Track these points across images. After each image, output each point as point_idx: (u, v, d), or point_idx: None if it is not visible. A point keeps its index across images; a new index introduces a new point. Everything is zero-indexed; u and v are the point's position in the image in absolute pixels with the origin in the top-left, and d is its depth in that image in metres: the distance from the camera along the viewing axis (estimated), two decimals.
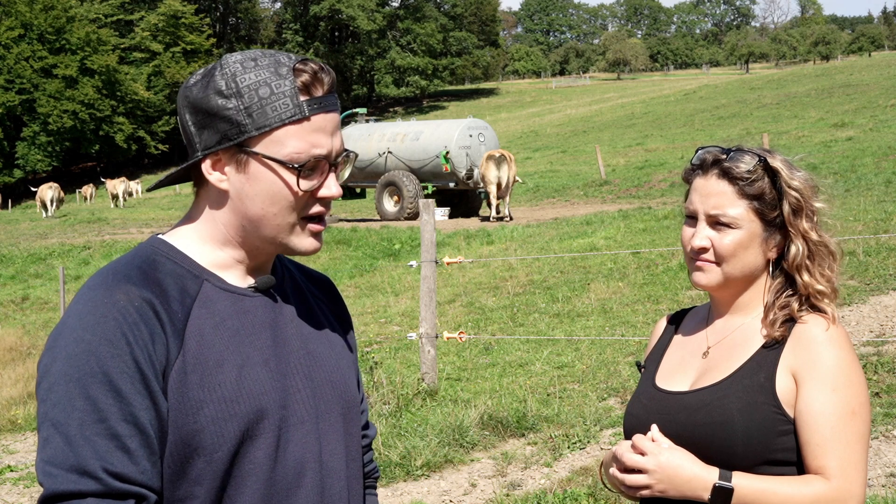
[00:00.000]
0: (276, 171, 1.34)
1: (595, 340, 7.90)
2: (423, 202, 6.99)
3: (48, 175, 59.13)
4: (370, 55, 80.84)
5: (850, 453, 1.61)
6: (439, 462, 5.48)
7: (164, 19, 67.43)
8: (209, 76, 1.35)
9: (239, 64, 1.35)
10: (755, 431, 1.63)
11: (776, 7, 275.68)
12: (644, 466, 1.63)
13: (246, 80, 1.33)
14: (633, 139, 36.47)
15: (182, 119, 1.38)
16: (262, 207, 1.36)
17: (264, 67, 1.34)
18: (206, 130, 1.35)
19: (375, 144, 22.41)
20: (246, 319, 1.38)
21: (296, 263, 1.61)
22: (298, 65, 1.35)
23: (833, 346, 1.66)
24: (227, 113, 1.33)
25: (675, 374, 1.82)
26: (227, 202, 1.38)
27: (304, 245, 1.41)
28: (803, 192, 1.71)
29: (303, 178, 1.35)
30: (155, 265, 1.36)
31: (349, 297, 12.68)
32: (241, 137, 1.33)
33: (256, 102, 1.32)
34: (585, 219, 16.32)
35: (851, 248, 9.36)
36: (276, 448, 1.36)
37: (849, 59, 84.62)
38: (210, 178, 1.37)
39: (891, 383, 5.77)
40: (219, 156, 1.35)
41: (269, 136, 1.33)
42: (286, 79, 1.34)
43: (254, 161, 1.34)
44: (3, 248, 22.12)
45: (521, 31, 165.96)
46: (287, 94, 1.33)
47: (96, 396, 1.23)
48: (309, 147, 1.34)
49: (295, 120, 1.33)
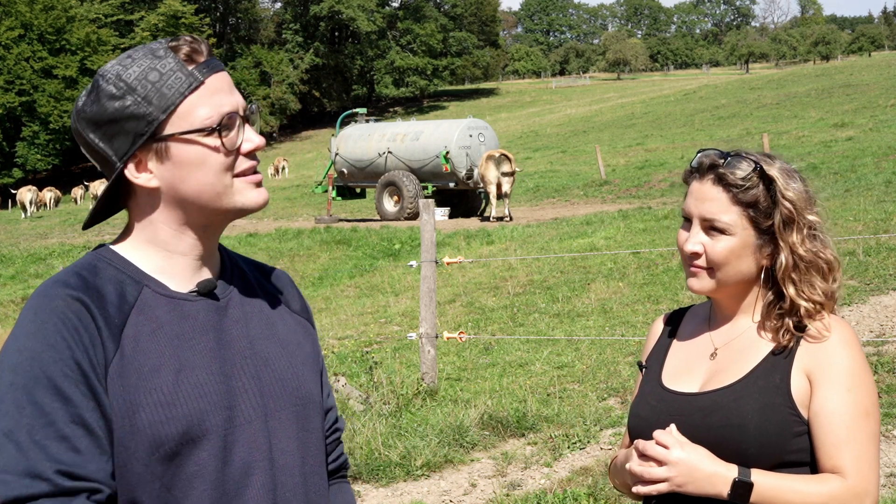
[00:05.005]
0: (198, 142, 1.36)
1: (595, 340, 7.89)
2: (423, 202, 6.99)
3: (48, 175, 59.20)
4: (370, 55, 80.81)
5: (864, 453, 1.63)
6: (439, 462, 5.48)
7: (164, 19, 67.38)
8: (95, 90, 1.36)
9: (118, 65, 1.35)
10: (771, 433, 1.64)
11: (776, 7, 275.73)
12: (667, 458, 1.63)
13: (131, 74, 1.34)
14: (633, 139, 36.46)
15: (87, 142, 1.37)
16: (197, 182, 1.37)
17: (141, 58, 1.35)
18: (115, 139, 1.35)
19: (375, 144, 22.40)
20: (186, 324, 1.39)
21: (249, 261, 1.61)
22: (172, 42, 1.37)
23: (846, 347, 1.68)
24: (128, 111, 1.33)
25: (681, 375, 1.81)
26: (160, 199, 1.39)
27: (252, 198, 1.41)
28: (797, 203, 1.70)
29: (224, 138, 1.36)
30: (96, 271, 1.37)
31: (349, 297, 12.68)
32: (152, 127, 1.34)
33: (151, 89, 1.33)
34: (585, 219, 16.31)
35: (851, 248, 9.36)
36: (223, 449, 1.36)
37: (849, 59, 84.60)
38: (138, 181, 1.37)
39: (891, 383, 5.77)
40: (137, 156, 1.36)
41: (175, 114, 1.34)
42: (167, 58, 1.35)
43: (172, 143, 1.35)
44: (3, 248, 22.13)
45: (521, 31, 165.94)
46: (175, 69, 1.34)
47: (42, 401, 1.25)
48: (216, 108, 1.36)
49: (193, 88, 1.35)
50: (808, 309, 1.70)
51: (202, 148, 1.36)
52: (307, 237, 19.00)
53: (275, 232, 20.12)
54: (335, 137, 23.68)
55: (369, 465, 5.44)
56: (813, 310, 1.70)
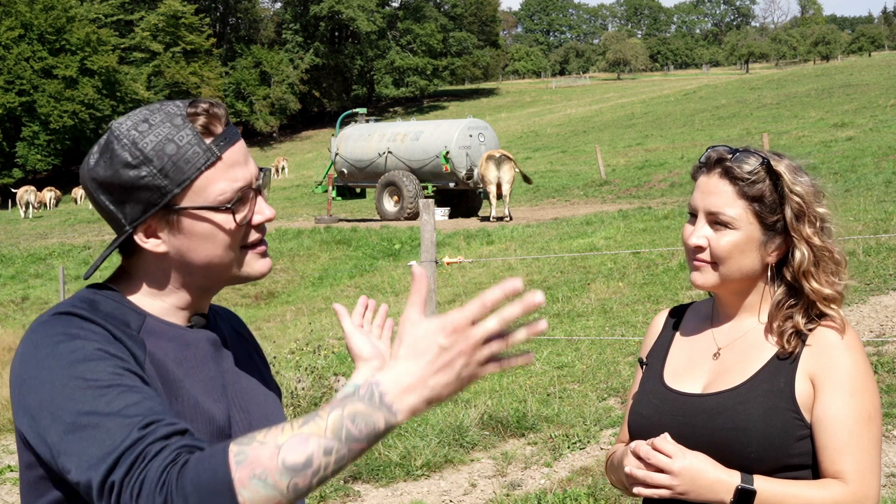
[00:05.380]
0: (209, 219, 1.35)
1: (595, 340, 7.89)
2: (423, 202, 6.99)
3: (48, 175, 59.18)
4: (370, 55, 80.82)
5: (866, 458, 1.63)
6: (439, 462, 5.48)
7: (164, 19, 67.37)
8: (108, 152, 1.33)
9: (134, 130, 1.33)
10: (775, 437, 1.64)
11: (776, 7, 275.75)
12: (669, 467, 1.63)
13: (148, 143, 1.32)
14: (633, 139, 36.46)
15: (97, 200, 1.36)
16: (206, 255, 1.37)
17: (159, 125, 1.33)
18: (126, 205, 1.33)
19: (375, 144, 22.40)
20: (189, 351, 1.40)
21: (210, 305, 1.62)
22: (189, 109, 1.35)
23: (850, 351, 1.67)
24: (143, 182, 1.31)
25: (684, 374, 1.80)
26: (167, 262, 1.39)
27: (258, 268, 1.43)
28: (806, 197, 1.70)
29: (236, 214, 1.36)
30: (95, 304, 1.35)
31: (349, 297, 12.69)
32: (166, 199, 1.32)
33: (167, 161, 1.31)
34: (585, 219, 16.31)
35: (851, 248, 9.36)
36: None
37: (849, 59, 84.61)
38: (146, 246, 1.36)
39: (891, 383, 5.78)
40: (148, 223, 1.35)
41: (190, 189, 1.33)
42: (185, 128, 1.33)
43: (184, 217, 1.35)
44: (3, 248, 22.13)
45: (521, 31, 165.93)
46: (193, 143, 1.33)
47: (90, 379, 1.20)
48: (231, 184, 1.35)
49: (210, 164, 1.33)
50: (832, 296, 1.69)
51: (213, 226, 1.36)
52: (307, 237, 19.00)
53: (275, 232, 20.12)
54: (335, 137, 23.69)
55: (369, 465, 5.44)
56: (836, 297, 1.70)
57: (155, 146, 1.32)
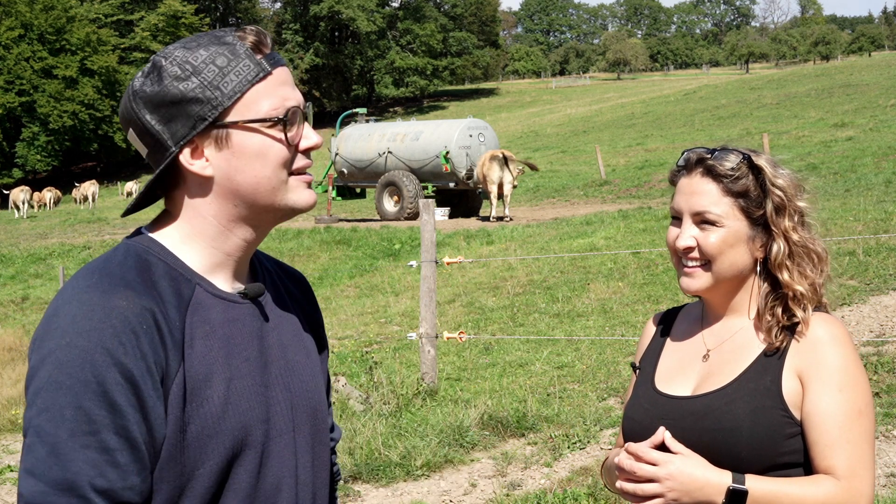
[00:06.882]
0: (262, 131, 1.31)
1: (595, 340, 7.90)
2: (423, 202, 6.99)
3: (48, 175, 59.18)
4: (370, 55, 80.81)
5: (858, 452, 1.61)
6: (439, 462, 5.48)
7: (164, 19, 67.38)
8: (156, 70, 1.29)
9: (182, 47, 1.30)
10: (763, 436, 1.63)
11: (776, 7, 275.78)
12: (657, 476, 1.62)
13: (198, 57, 1.29)
14: (633, 139, 36.46)
15: (140, 124, 1.30)
16: (255, 174, 1.32)
17: (207, 43, 1.30)
18: (174, 122, 1.29)
19: (375, 144, 22.39)
20: (235, 328, 1.34)
21: (272, 260, 1.56)
22: (238, 32, 1.33)
23: (837, 346, 1.66)
24: (193, 94, 1.27)
25: (674, 377, 1.80)
26: (211, 189, 1.32)
27: (304, 198, 1.37)
28: (787, 190, 1.71)
29: (287, 132, 1.33)
30: (149, 266, 1.29)
31: (349, 297, 12.69)
32: (216, 112, 1.28)
33: (218, 73, 1.28)
34: (585, 219, 16.31)
35: (851, 248, 9.35)
36: (259, 465, 1.32)
37: (849, 59, 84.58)
38: (192, 167, 1.31)
39: (891, 383, 5.77)
40: (195, 143, 1.30)
41: (240, 102, 1.29)
42: (235, 45, 1.30)
43: (235, 131, 1.30)
44: (3, 248, 22.13)
45: (521, 31, 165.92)
46: (244, 56, 1.30)
47: (89, 408, 1.17)
48: (282, 100, 1.32)
49: (260, 78, 1.30)
50: (803, 293, 1.69)
51: (266, 138, 1.31)
52: (307, 237, 19.00)
53: (275, 232, 20.11)
54: (335, 137, 23.68)
55: (369, 465, 5.44)
56: (808, 294, 1.69)
57: (205, 59, 1.29)
